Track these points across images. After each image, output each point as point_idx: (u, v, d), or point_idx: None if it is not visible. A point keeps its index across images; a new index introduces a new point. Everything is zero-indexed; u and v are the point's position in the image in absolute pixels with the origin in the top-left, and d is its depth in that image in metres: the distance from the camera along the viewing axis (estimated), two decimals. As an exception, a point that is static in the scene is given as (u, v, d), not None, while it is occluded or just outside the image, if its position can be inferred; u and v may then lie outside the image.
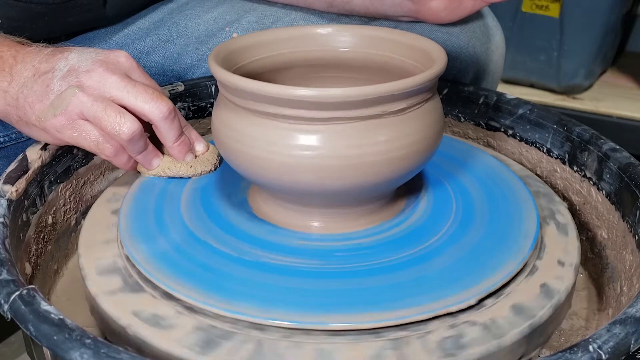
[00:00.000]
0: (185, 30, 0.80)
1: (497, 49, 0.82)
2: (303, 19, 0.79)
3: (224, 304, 0.45)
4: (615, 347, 0.39)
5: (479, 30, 0.79)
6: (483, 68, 0.80)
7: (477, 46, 0.78)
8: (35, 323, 0.40)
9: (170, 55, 0.80)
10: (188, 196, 0.58)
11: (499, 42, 0.82)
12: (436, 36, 0.77)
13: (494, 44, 0.81)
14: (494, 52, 0.81)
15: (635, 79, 1.57)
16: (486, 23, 0.80)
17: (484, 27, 0.80)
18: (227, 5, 0.82)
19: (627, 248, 0.55)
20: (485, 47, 0.79)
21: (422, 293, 0.46)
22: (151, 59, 0.79)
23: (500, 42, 0.83)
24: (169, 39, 0.79)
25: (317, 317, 0.44)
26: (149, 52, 0.79)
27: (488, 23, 0.81)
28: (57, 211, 0.60)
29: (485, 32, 0.80)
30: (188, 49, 0.80)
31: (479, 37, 0.78)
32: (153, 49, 0.79)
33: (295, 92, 0.46)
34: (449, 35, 0.77)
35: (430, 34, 0.76)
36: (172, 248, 0.51)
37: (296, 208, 0.54)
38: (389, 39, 0.59)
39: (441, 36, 0.76)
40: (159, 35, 0.79)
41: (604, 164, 0.59)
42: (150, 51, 0.79)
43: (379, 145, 0.48)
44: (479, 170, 0.62)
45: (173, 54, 0.79)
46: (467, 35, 0.77)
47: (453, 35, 0.77)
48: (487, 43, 0.79)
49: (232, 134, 0.51)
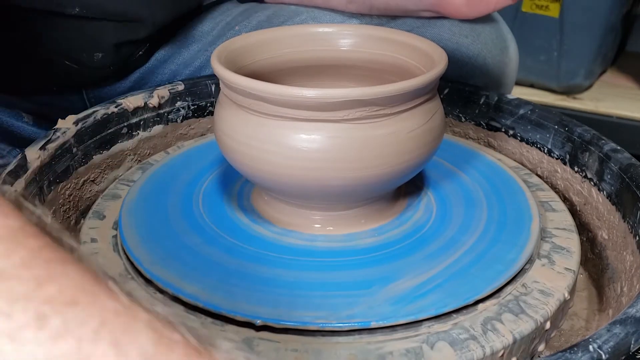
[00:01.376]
0: (201, 36, 0.80)
1: (510, 61, 0.79)
2: (313, 19, 0.79)
3: (226, 303, 0.45)
4: (615, 347, 0.39)
5: (491, 42, 0.76)
6: (496, 79, 0.78)
7: (488, 58, 0.76)
8: (35, 323, 0.40)
9: (183, 62, 0.80)
10: (191, 196, 0.58)
11: (512, 54, 0.80)
12: (445, 46, 0.76)
13: (507, 56, 0.78)
14: (507, 65, 0.79)
15: (635, 79, 1.57)
16: (500, 35, 0.78)
17: (497, 38, 0.77)
18: (242, 8, 0.83)
19: (627, 249, 0.55)
20: (498, 59, 0.77)
21: (422, 295, 0.46)
22: (167, 67, 0.80)
23: (514, 53, 0.80)
24: (184, 45, 0.80)
25: (320, 316, 0.44)
26: (166, 60, 0.80)
27: (502, 35, 0.78)
28: (57, 211, 0.60)
29: (499, 44, 0.77)
30: (198, 52, 0.80)
31: (491, 49, 0.76)
32: (170, 56, 0.80)
33: (297, 93, 0.46)
34: (458, 45, 0.75)
35: (439, 43, 0.76)
36: (174, 248, 0.51)
37: (297, 208, 0.54)
38: (390, 39, 0.58)
39: (451, 46, 0.75)
40: (177, 42, 0.80)
41: (605, 164, 0.59)
42: (167, 59, 0.80)
43: (379, 146, 0.48)
44: (479, 170, 0.62)
45: (186, 59, 0.80)
46: (478, 46, 0.75)
47: (463, 46, 0.75)
48: (499, 55, 0.77)
49: (233, 133, 0.51)
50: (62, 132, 0.60)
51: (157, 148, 0.70)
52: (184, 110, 0.72)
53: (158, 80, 0.81)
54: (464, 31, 0.75)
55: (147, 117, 0.68)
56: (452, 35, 0.75)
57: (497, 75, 0.78)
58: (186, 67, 0.80)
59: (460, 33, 0.75)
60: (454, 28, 0.75)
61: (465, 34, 0.75)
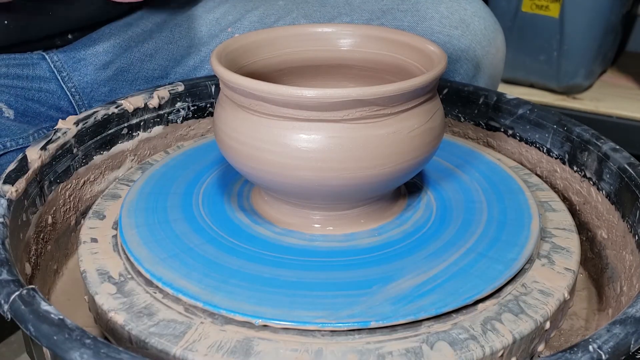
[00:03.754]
0: (188, 31, 0.79)
1: (497, 52, 0.82)
2: (304, 17, 0.79)
3: (228, 303, 0.45)
4: (615, 347, 0.39)
5: (480, 33, 0.78)
6: (484, 71, 0.80)
7: (477, 49, 0.78)
8: (35, 323, 0.40)
9: (173, 58, 0.79)
10: (191, 196, 0.58)
11: (499, 45, 0.82)
12: (437, 38, 0.77)
13: (494, 47, 0.81)
14: (494, 56, 0.81)
15: (635, 79, 1.57)
16: (488, 26, 0.80)
17: (485, 29, 0.79)
18: (229, 4, 0.82)
19: (627, 248, 0.55)
20: (486, 50, 0.79)
21: (422, 295, 0.46)
22: (154, 62, 0.79)
23: (502, 45, 0.83)
24: (172, 41, 0.79)
25: (320, 316, 0.44)
26: (152, 55, 0.79)
27: (490, 26, 0.81)
28: (57, 211, 0.60)
29: (487, 35, 0.79)
30: (190, 51, 0.79)
31: (480, 40, 0.78)
32: (156, 51, 0.79)
33: (297, 93, 0.46)
34: (449, 38, 0.77)
35: (431, 36, 0.76)
36: (174, 248, 0.51)
37: (297, 208, 0.54)
38: (390, 39, 0.59)
39: (442, 38, 0.76)
40: (162, 37, 0.79)
41: (604, 164, 0.59)
42: (153, 53, 0.79)
43: (380, 146, 0.48)
44: (479, 170, 0.62)
45: (176, 55, 0.79)
46: (468, 38, 0.77)
47: (454, 38, 0.76)
48: (488, 46, 0.79)
49: (233, 133, 0.51)
50: (62, 132, 0.60)
51: (157, 149, 0.70)
52: (184, 111, 0.72)
53: (144, 76, 0.80)
54: (453, 22, 0.77)
55: (147, 117, 0.68)
56: (442, 28, 0.77)
57: (486, 66, 0.80)
58: (178, 65, 0.79)
59: (450, 25, 0.77)
60: (444, 20, 0.77)
61: (455, 25, 0.77)
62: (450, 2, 0.79)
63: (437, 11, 0.78)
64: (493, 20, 0.82)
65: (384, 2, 0.80)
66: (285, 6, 0.81)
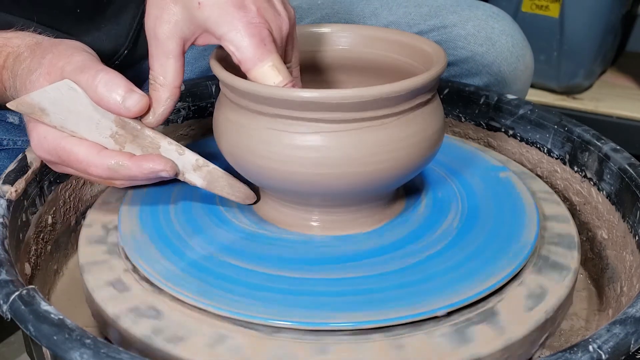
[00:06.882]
0: None
1: (526, 69, 0.81)
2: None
3: (226, 303, 0.45)
4: (615, 347, 0.39)
5: (507, 51, 0.78)
6: (510, 87, 0.80)
7: (503, 66, 0.78)
8: (35, 323, 0.40)
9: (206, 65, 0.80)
10: (190, 196, 0.58)
11: (528, 62, 0.82)
12: (460, 53, 0.77)
13: (522, 63, 0.80)
14: (522, 72, 0.81)
15: (635, 79, 1.57)
16: (516, 43, 0.79)
17: (513, 47, 0.79)
18: None
19: (627, 248, 0.55)
20: (513, 67, 0.79)
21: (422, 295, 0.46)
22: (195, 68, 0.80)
23: (530, 61, 0.82)
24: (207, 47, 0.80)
25: (321, 316, 0.44)
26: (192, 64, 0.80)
27: (518, 43, 0.80)
28: (57, 211, 0.60)
29: (514, 52, 0.79)
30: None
31: (507, 57, 0.78)
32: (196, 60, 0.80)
33: (296, 93, 0.46)
34: (472, 54, 0.77)
35: (454, 51, 0.77)
36: (174, 248, 0.51)
37: (296, 208, 0.54)
38: (389, 39, 0.59)
39: (465, 54, 0.77)
40: None
41: (605, 164, 0.59)
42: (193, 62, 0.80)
43: (379, 146, 0.48)
44: (479, 170, 0.62)
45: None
46: (492, 55, 0.77)
47: (477, 55, 0.77)
48: (515, 63, 0.79)
49: (233, 134, 0.51)
50: (62, 132, 0.60)
51: (157, 148, 0.70)
52: (185, 110, 0.72)
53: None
54: (479, 40, 0.77)
55: (147, 117, 0.68)
56: (466, 44, 0.77)
57: (512, 82, 0.79)
58: (209, 70, 0.80)
59: (476, 42, 0.77)
60: (470, 37, 0.77)
61: (480, 43, 0.77)
62: (478, 20, 0.78)
63: (464, 28, 0.78)
64: (522, 38, 0.81)
65: (411, 17, 0.80)
66: None
